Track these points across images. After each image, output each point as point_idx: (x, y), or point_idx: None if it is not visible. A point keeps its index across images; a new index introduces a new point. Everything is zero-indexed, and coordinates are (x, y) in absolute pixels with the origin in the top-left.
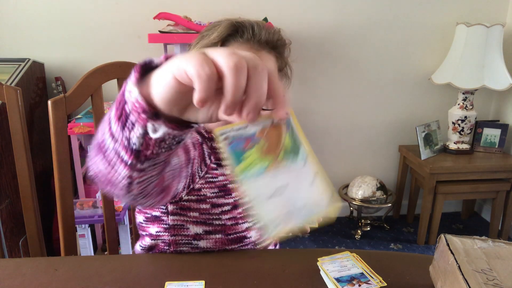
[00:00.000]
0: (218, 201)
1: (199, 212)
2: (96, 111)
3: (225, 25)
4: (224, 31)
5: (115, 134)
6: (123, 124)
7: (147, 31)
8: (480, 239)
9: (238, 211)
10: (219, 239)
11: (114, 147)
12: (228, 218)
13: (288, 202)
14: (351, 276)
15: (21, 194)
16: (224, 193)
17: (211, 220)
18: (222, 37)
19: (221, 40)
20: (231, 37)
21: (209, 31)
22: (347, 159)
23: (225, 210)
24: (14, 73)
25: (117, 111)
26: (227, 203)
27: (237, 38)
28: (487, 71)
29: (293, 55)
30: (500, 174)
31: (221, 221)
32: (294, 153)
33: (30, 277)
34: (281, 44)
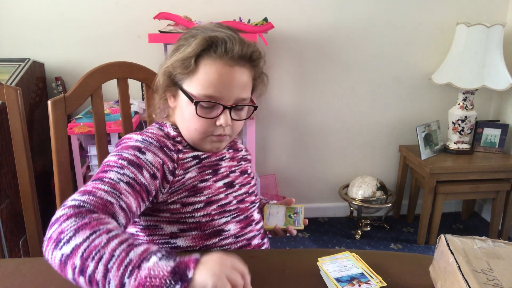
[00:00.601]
0: (188, 200)
1: (169, 213)
2: (96, 111)
3: (199, 40)
4: (198, 47)
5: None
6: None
7: (147, 31)
8: (480, 239)
9: (212, 208)
10: (196, 235)
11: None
12: (201, 216)
13: None
14: (351, 276)
15: (21, 194)
16: (194, 193)
17: (184, 218)
18: (196, 53)
19: (195, 56)
20: (205, 52)
21: (185, 42)
22: (347, 159)
23: (197, 208)
24: (14, 73)
25: None
26: (198, 201)
27: (211, 54)
28: (487, 71)
29: (293, 55)
30: (500, 174)
31: (194, 219)
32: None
33: (30, 277)
34: (255, 57)
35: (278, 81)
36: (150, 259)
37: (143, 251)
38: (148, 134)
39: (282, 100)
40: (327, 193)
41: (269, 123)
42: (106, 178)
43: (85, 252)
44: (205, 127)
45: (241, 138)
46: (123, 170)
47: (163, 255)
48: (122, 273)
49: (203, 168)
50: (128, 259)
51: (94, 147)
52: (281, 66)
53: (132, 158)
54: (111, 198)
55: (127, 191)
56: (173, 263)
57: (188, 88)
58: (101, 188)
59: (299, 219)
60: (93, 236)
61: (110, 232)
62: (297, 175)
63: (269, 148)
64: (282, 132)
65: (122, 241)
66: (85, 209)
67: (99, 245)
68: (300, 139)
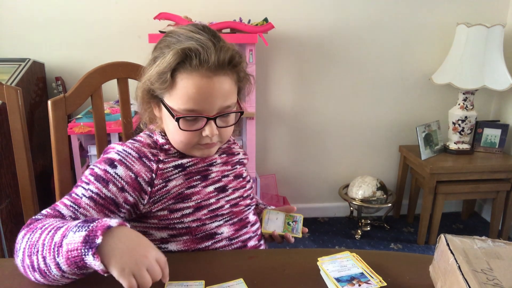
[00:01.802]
0: (175, 207)
1: (157, 219)
2: (96, 111)
3: (172, 54)
4: (172, 61)
5: (65, 274)
6: (76, 270)
7: (147, 31)
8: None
9: (202, 213)
10: (188, 239)
11: (61, 278)
12: (191, 221)
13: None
14: (351, 276)
15: (21, 194)
16: (182, 199)
17: (173, 224)
18: (171, 67)
19: (171, 70)
20: (180, 66)
21: (160, 53)
22: (347, 159)
23: (186, 214)
24: (14, 73)
25: (72, 265)
26: (187, 207)
27: (186, 67)
28: (488, 71)
29: (293, 55)
30: (500, 174)
31: (184, 224)
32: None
33: None
34: (235, 62)
35: (278, 81)
36: (67, 235)
37: (64, 230)
38: (130, 144)
39: (282, 100)
40: (327, 193)
41: (269, 123)
42: (73, 193)
43: (28, 252)
44: (190, 139)
45: (241, 138)
46: (89, 185)
47: (77, 227)
48: (53, 255)
49: (190, 174)
50: (54, 242)
51: (94, 147)
52: (281, 66)
53: (99, 173)
54: (67, 211)
55: (88, 205)
56: (85, 232)
57: (168, 102)
58: (63, 203)
59: (297, 228)
60: (29, 236)
61: (44, 225)
62: (297, 175)
63: (269, 148)
64: (282, 132)
65: (51, 229)
66: (34, 219)
67: (34, 242)
68: (300, 139)
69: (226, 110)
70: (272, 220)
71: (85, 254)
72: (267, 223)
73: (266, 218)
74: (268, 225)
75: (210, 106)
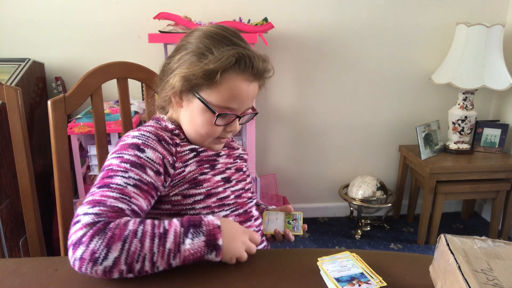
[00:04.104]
0: (188, 192)
1: (171, 204)
2: (96, 111)
3: (228, 57)
4: (227, 63)
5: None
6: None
7: (147, 31)
8: (480, 239)
9: (212, 200)
10: None
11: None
12: (202, 207)
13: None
14: (351, 276)
15: (21, 194)
16: (195, 185)
17: (185, 210)
18: (223, 68)
19: (222, 70)
20: (230, 67)
21: (208, 52)
22: (347, 159)
23: (197, 200)
24: (14, 73)
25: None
26: (198, 193)
27: (235, 69)
28: (487, 71)
29: (293, 55)
30: (500, 174)
31: (195, 211)
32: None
33: (30, 277)
34: (269, 75)
35: (278, 81)
36: (185, 242)
37: (174, 237)
38: (144, 128)
39: (282, 100)
40: (327, 193)
41: (269, 123)
42: (112, 184)
43: (127, 260)
44: (216, 133)
45: (241, 138)
46: (128, 173)
47: (192, 234)
48: (167, 260)
49: (201, 162)
50: (167, 250)
51: (94, 147)
52: (281, 66)
53: (133, 159)
54: (122, 204)
55: (135, 194)
56: (204, 237)
57: (206, 97)
58: (110, 196)
59: (298, 225)
60: (126, 246)
61: (136, 234)
62: (297, 175)
63: (269, 148)
64: (282, 132)
65: (152, 236)
66: (101, 223)
67: (137, 251)
68: (300, 139)
69: (248, 111)
70: (272, 221)
71: (208, 253)
72: (268, 224)
73: (266, 219)
74: (268, 226)
75: (243, 107)
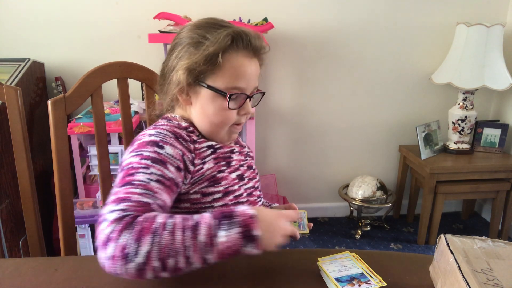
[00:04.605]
0: (208, 190)
1: (190, 203)
2: (96, 111)
3: (224, 36)
4: (224, 42)
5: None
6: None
7: (147, 31)
8: (480, 239)
9: (229, 198)
10: None
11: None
12: (220, 206)
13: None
14: (351, 276)
15: (21, 194)
16: (213, 183)
17: (204, 209)
18: (222, 49)
19: (222, 51)
20: (229, 47)
21: (203, 39)
22: (347, 159)
23: (216, 198)
24: (14, 73)
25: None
26: (217, 191)
27: (234, 47)
28: (487, 71)
29: (293, 55)
30: (500, 174)
31: (213, 209)
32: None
33: (30, 277)
34: (265, 51)
35: (278, 81)
36: (218, 235)
37: (207, 229)
38: (160, 127)
39: (282, 100)
40: (327, 193)
41: (269, 123)
42: (135, 181)
43: (159, 254)
44: (231, 118)
45: (240, 138)
46: (150, 169)
47: (225, 225)
48: (201, 254)
49: (218, 159)
50: (200, 243)
51: (94, 147)
52: (281, 66)
53: (154, 156)
54: (147, 199)
55: (159, 189)
56: (239, 228)
57: (213, 84)
58: (134, 192)
59: (303, 224)
60: (157, 239)
61: (166, 226)
62: (297, 175)
63: (269, 148)
64: (282, 132)
65: (182, 228)
66: (129, 217)
67: (168, 244)
68: (300, 139)
69: (256, 91)
70: None
71: (245, 246)
72: None
73: None
74: None
75: (250, 85)
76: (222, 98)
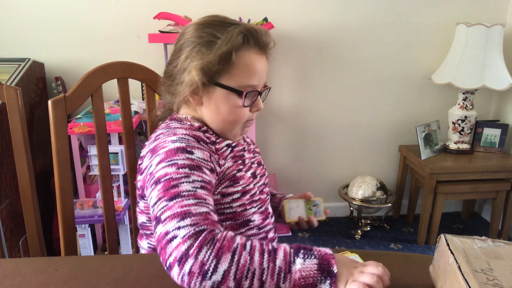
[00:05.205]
0: (227, 191)
1: None
2: (96, 111)
3: (237, 34)
4: (237, 40)
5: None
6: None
7: (147, 31)
8: (480, 239)
9: (246, 198)
10: (228, 225)
11: None
12: (238, 205)
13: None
14: None
15: (21, 194)
16: (233, 182)
17: (222, 209)
18: (236, 47)
19: (235, 49)
20: (242, 45)
21: (214, 38)
22: (347, 159)
23: (235, 198)
24: (14, 73)
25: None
26: (236, 191)
27: (245, 44)
28: (487, 71)
29: (293, 55)
30: (500, 174)
31: (232, 209)
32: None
33: (30, 277)
34: (271, 47)
35: (278, 81)
36: (296, 262)
37: (285, 255)
38: (179, 132)
39: (282, 100)
40: (327, 193)
41: (269, 123)
42: (183, 192)
43: (236, 274)
44: (245, 116)
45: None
46: (191, 177)
47: (303, 254)
48: (277, 281)
49: (235, 158)
50: (278, 268)
51: (94, 147)
52: (281, 66)
53: (189, 163)
54: (204, 208)
55: (206, 195)
56: (316, 260)
57: (227, 83)
58: (189, 204)
59: (320, 211)
60: (236, 257)
61: (245, 247)
62: (297, 175)
63: (269, 148)
64: (282, 132)
65: (261, 251)
66: (206, 233)
67: (246, 264)
68: (300, 139)
69: (263, 87)
70: (293, 209)
71: (322, 281)
72: (290, 212)
73: (287, 208)
74: (291, 214)
75: (261, 82)
76: (236, 96)
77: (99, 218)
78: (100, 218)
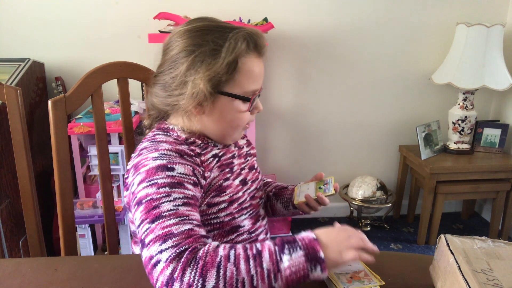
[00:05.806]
0: (213, 201)
1: None
2: (96, 111)
3: (241, 40)
4: (242, 47)
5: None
6: None
7: (147, 31)
8: (480, 239)
9: (233, 207)
10: (216, 234)
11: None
12: (225, 215)
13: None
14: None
15: (21, 194)
16: (219, 192)
17: (209, 220)
18: (240, 54)
19: (239, 56)
20: (244, 50)
21: (216, 46)
22: (347, 159)
23: (221, 208)
24: (14, 73)
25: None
26: (222, 201)
27: (247, 50)
28: (487, 71)
29: (293, 55)
30: (500, 174)
31: (218, 219)
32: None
33: (30, 277)
34: (266, 50)
35: (278, 81)
36: (283, 259)
37: (270, 255)
38: (162, 147)
39: (282, 100)
40: None
41: (269, 123)
42: (163, 212)
43: (226, 287)
44: (247, 119)
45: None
46: (171, 196)
47: (289, 249)
48: (268, 282)
49: (222, 167)
50: (266, 271)
51: (94, 147)
52: (281, 66)
53: (169, 181)
54: (186, 225)
55: (189, 211)
56: (302, 251)
57: (233, 90)
58: (170, 224)
59: (329, 187)
60: (222, 272)
61: (229, 258)
62: (297, 175)
63: (269, 148)
64: (282, 132)
65: (246, 258)
66: (187, 253)
67: (233, 276)
68: (300, 139)
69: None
70: (303, 192)
71: (312, 270)
72: (299, 195)
73: (297, 191)
74: (299, 197)
75: (261, 84)
76: (240, 102)
77: (99, 218)
78: (100, 218)
